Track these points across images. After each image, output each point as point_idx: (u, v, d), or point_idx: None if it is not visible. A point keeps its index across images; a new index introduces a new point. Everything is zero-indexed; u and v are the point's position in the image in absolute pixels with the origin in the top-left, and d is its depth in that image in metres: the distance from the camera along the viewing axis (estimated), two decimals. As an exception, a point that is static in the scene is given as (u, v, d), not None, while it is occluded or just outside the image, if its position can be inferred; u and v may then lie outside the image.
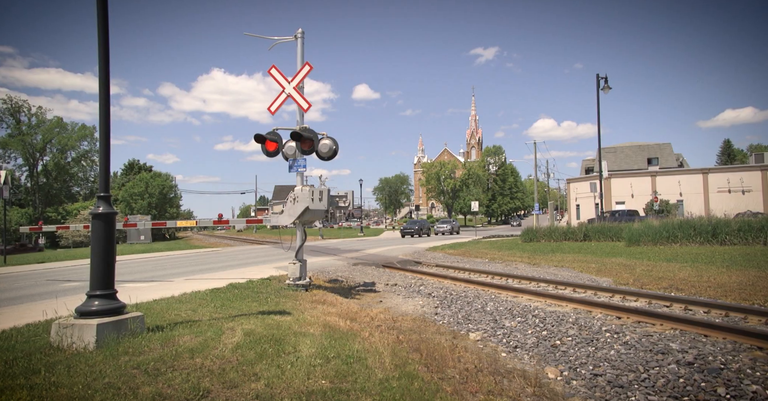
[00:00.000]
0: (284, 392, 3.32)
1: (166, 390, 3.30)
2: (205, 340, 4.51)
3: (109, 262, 4.72)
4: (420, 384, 3.55)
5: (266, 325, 5.21)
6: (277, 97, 8.88)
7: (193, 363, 3.86)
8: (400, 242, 28.85)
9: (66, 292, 9.32)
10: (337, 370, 3.77)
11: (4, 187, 19.46)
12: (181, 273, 12.97)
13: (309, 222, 8.89)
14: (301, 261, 8.63)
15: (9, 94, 71.70)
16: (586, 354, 4.69)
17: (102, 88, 4.71)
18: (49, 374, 3.60)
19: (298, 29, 9.05)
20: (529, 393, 3.74)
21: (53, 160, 61.97)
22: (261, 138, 8.49)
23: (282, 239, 10.98)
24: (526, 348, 5.06)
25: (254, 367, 3.79)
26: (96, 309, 4.55)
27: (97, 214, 4.70)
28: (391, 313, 6.83)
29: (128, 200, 56.17)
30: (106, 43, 4.71)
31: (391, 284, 9.68)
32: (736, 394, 3.58)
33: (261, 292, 7.99)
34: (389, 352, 4.34)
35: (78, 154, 64.04)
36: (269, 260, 16.57)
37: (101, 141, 4.80)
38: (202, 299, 7.14)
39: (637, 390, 3.80)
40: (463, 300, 7.56)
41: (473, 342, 5.35)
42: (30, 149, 59.98)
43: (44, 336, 4.76)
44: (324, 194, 8.11)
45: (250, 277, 10.33)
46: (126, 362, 3.87)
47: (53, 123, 61.63)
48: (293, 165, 8.80)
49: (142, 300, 7.06)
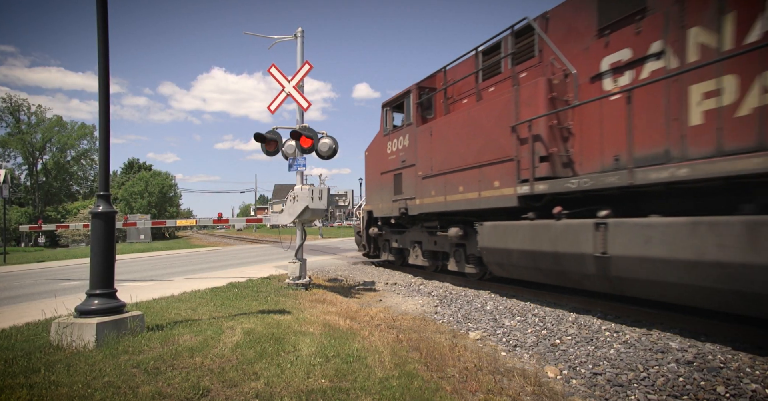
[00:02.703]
0: (284, 391, 3.32)
1: (166, 389, 3.30)
2: (205, 339, 4.51)
3: (109, 261, 4.73)
4: (420, 383, 3.55)
5: (266, 324, 5.21)
6: (276, 97, 8.88)
7: (192, 362, 3.86)
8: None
9: (66, 291, 9.33)
10: (336, 369, 3.77)
11: (3, 186, 19.45)
12: (181, 272, 12.98)
13: (309, 221, 8.89)
14: (300, 260, 8.63)
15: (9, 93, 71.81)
16: (585, 353, 4.70)
17: (102, 87, 4.71)
18: (49, 373, 3.60)
19: (298, 28, 9.05)
20: (528, 391, 3.75)
21: (53, 159, 61.99)
22: (261, 137, 8.49)
23: (282, 238, 10.96)
24: (526, 347, 5.07)
25: (254, 366, 3.80)
26: (96, 307, 4.56)
27: (97, 213, 4.70)
28: (391, 312, 6.83)
29: (128, 199, 56.19)
30: (105, 43, 4.71)
31: (390, 284, 9.68)
32: (736, 393, 3.59)
33: (261, 291, 8.00)
34: (389, 351, 4.35)
35: (78, 153, 64.10)
36: (269, 259, 16.59)
37: (101, 140, 4.80)
38: (201, 298, 7.15)
39: (636, 388, 3.81)
40: (462, 299, 7.57)
41: (473, 341, 5.36)
42: (30, 148, 60.00)
43: (44, 334, 4.77)
44: (324, 193, 8.11)
45: (250, 276, 10.33)
46: (126, 361, 3.87)
47: (53, 122, 61.65)
48: (293, 164, 8.80)
49: (141, 299, 7.06)
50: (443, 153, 8.69)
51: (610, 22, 5.85)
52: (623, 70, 5.72)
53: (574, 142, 6.34)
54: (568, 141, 6.41)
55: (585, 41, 6.22)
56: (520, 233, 6.61)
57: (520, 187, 6.62)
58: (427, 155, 9.28)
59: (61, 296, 8.14)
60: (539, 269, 6.46)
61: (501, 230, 7.03)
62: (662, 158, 5.10)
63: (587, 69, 6.16)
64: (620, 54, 5.75)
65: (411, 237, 10.60)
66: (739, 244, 4.07)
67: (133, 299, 6.72)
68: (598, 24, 6.01)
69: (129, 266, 15.27)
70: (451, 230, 8.59)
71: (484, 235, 7.34)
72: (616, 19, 5.79)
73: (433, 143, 9.04)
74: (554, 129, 6.37)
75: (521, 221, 6.68)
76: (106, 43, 4.74)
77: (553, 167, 6.35)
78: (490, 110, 7.41)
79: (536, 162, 6.38)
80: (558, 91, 6.43)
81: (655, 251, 4.75)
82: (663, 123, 5.12)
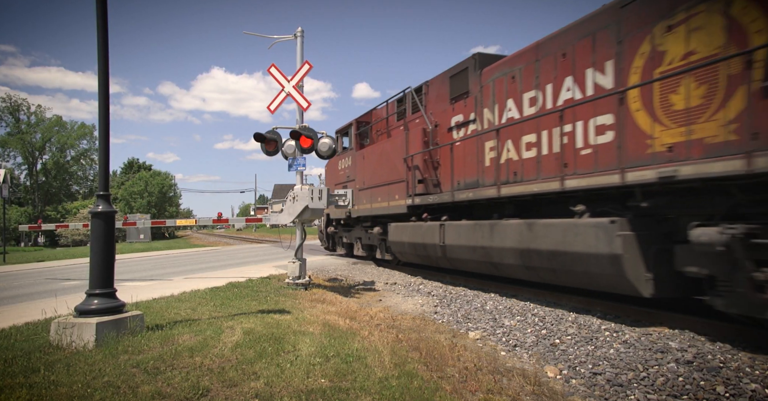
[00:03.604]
0: (284, 390, 3.32)
1: (166, 389, 3.30)
2: (205, 339, 4.51)
3: (109, 261, 4.73)
4: (419, 383, 3.55)
5: (266, 324, 5.21)
6: (276, 96, 8.88)
7: (192, 362, 3.86)
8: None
9: (65, 291, 9.33)
10: (336, 369, 3.77)
11: (3, 186, 19.45)
12: (181, 272, 12.98)
13: (308, 221, 8.89)
14: (300, 260, 8.63)
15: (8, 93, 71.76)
16: (585, 352, 4.70)
17: (101, 87, 4.71)
18: (49, 373, 3.60)
19: (298, 28, 9.05)
20: (528, 391, 3.75)
21: (52, 158, 61.96)
22: (260, 137, 8.48)
23: (281, 237, 11.03)
24: (526, 347, 5.07)
25: (254, 366, 3.79)
26: (95, 307, 4.56)
27: (97, 213, 4.70)
28: (391, 312, 6.83)
29: (128, 199, 56.12)
30: (105, 42, 4.71)
31: (390, 283, 9.68)
32: (735, 392, 3.59)
33: (260, 291, 8.00)
34: (389, 351, 4.35)
35: (77, 153, 64.08)
36: (268, 259, 16.58)
37: (101, 140, 4.80)
38: (201, 298, 7.15)
39: (636, 388, 3.81)
40: (462, 299, 7.57)
41: (472, 341, 5.36)
42: (29, 148, 59.97)
43: (44, 334, 4.77)
44: (323, 193, 8.11)
45: (250, 276, 10.33)
46: (125, 361, 3.87)
47: (53, 122, 61.61)
48: (293, 164, 8.80)
49: (141, 299, 7.06)
50: (370, 173, 11.70)
51: (454, 96, 8.83)
52: (460, 128, 8.66)
53: (440, 171, 9.16)
54: (437, 169, 9.26)
55: (445, 105, 9.12)
56: (408, 230, 9.84)
57: (408, 200, 9.67)
58: (361, 173, 12.30)
59: (61, 295, 8.14)
60: (419, 255, 9.71)
61: (400, 228, 10.19)
62: (474, 184, 8.02)
63: (446, 123, 9.08)
64: (458, 117, 8.72)
65: (355, 234, 13.56)
66: (487, 236, 7.34)
67: (132, 299, 6.72)
68: (450, 95, 8.95)
69: (129, 266, 15.27)
70: (375, 229, 11.67)
71: (391, 232, 10.60)
72: (455, 95, 8.78)
73: (364, 164, 12.10)
74: (427, 161, 9.41)
75: (409, 223, 9.88)
76: (106, 43, 4.73)
77: (426, 187, 9.39)
78: (394, 145, 10.54)
79: (415, 183, 9.44)
80: (430, 136, 9.40)
81: (461, 240, 8.02)
82: (475, 163, 8.04)
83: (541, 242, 6.24)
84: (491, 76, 7.79)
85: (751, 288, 4.17)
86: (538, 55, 6.79)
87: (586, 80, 5.97)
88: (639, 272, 5.07)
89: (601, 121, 5.66)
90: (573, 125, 6.04)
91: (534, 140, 6.70)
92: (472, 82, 8.26)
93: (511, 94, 7.31)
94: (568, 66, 6.25)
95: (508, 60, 7.52)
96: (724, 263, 4.36)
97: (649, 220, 5.29)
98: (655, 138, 4.99)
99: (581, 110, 5.91)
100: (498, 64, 7.77)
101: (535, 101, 6.80)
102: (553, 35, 6.62)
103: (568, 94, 6.26)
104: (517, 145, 7.04)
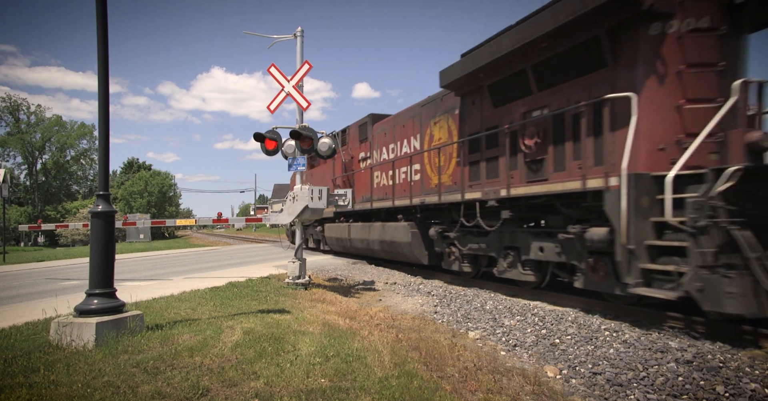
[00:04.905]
0: (283, 390, 3.32)
1: (166, 389, 3.31)
2: (205, 339, 4.51)
3: (109, 260, 4.73)
4: (419, 383, 3.55)
5: (266, 324, 5.21)
6: (276, 96, 8.87)
7: (192, 362, 3.86)
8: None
9: (65, 291, 9.33)
10: (336, 369, 3.77)
11: (3, 185, 19.44)
12: (181, 272, 12.97)
13: (308, 221, 8.89)
14: (300, 260, 8.63)
15: (8, 93, 71.76)
16: (585, 352, 4.70)
17: (101, 87, 4.71)
18: (49, 372, 3.60)
19: (298, 28, 9.04)
20: (528, 391, 3.75)
21: (52, 158, 61.89)
22: (260, 137, 8.48)
23: (281, 237, 11.11)
24: (526, 347, 5.07)
25: (254, 366, 3.80)
26: (95, 307, 4.56)
27: (97, 212, 4.70)
28: (391, 312, 6.83)
29: (127, 199, 56.09)
30: (105, 42, 4.71)
31: (390, 283, 9.68)
32: (735, 392, 3.59)
33: (260, 291, 7.99)
34: (388, 351, 4.35)
35: (77, 152, 63.98)
36: (268, 259, 16.58)
37: (101, 140, 4.79)
38: (201, 298, 7.15)
39: (636, 388, 3.81)
40: (462, 299, 7.57)
41: (472, 341, 5.36)
42: (29, 148, 59.89)
43: (43, 334, 4.77)
44: (323, 193, 8.11)
45: (250, 276, 10.33)
46: (125, 360, 3.87)
47: (52, 122, 61.51)
48: (292, 164, 8.79)
49: (141, 299, 7.06)
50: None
51: (361, 139, 13.21)
52: (364, 161, 13.06)
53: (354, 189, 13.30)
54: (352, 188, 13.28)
55: (357, 144, 13.55)
56: (334, 229, 14.39)
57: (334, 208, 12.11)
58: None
59: (61, 295, 8.14)
60: (341, 246, 14.20)
61: (331, 228, 14.63)
62: (368, 199, 12.34)
63: (357, 156, 13.48)
64: (363, 153, 13.16)
65: (309, 232, 17.46)
66: (367, 232, 12.00)
67: (132, 299, 6.72)
68: (359, 137, 13.37)
69: (128, 266, 15.26)
70: (317, 228, 16.36)
71: (326, 230, 15.13)
72: (362, 138, 13.22)
73: (312, 181, 16.26)
74: (345, 182, 14.02)
75: (335, 223, 14.47)
76: (106, 43, 4.73)
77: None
78: (327, 168, 15.25)
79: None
80: (348, 165, 14.04)
81: (357, 235, 12.58)
82: (369, 185, 12.46)
83: (387, 235, 10.94)
84: (377, 130, 12.36)
85: (447, 254, 9.28)
86: (395, 123, 11.38)
87: (412, 142, 10.57)
88: (421, 251, 9.96)
89: (415, 167, 10.19)
90: (408, 167, 10.40)
91: (392, 174, 11.18)
92: (369, 132, 12.78)
93: (383, 144, 11.94)
94: (406, 133, 10.80)
95: (385, 122, 11.99)
96: (443, 245, 9.38)
97: (424, 223, 10.04)
98: (432, 180, 9.44)
99: (414, 158, 10.20)
100: (380, 123, 12.25)
101: (394, 150, 11.39)
102: (403, 111, 11.12)
103: (406, 149, 10.78)
104: (387, 175, 11.56)
